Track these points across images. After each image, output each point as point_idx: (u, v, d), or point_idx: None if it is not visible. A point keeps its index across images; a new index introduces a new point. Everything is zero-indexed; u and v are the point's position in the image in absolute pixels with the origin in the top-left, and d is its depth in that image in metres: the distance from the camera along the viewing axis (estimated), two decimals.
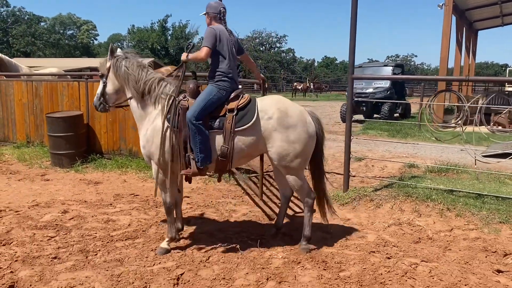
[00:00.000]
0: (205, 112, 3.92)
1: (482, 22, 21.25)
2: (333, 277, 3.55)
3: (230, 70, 4.08)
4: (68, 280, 3.45)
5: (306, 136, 3.96)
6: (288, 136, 3.90)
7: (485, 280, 3.51)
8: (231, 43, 4.11)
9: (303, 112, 4.05)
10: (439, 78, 11.71)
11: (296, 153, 3.94)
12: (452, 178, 6.53)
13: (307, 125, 4.00)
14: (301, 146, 3.94)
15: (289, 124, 3.92)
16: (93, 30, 71.45)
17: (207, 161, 3.94)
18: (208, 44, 3.93)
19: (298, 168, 4.05)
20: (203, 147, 3.89)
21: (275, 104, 3.99)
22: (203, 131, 3.88)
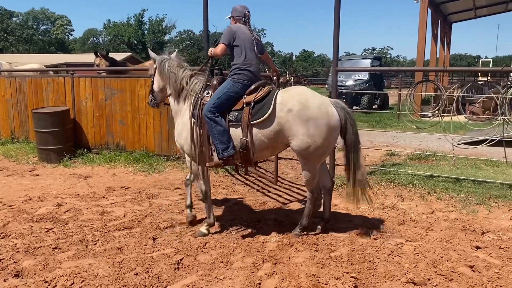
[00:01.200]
0: (221, 105, 4.11)
1: (456, 15, 21.83)
2: (324, 257, 3.76)
3: (245, 62, 4.23)
4: (72, 268, 3.56)
5: (327, 129, 3.95)
6: (308, 129, 3.93)
7: (465, 255, 3.79)
8: (251, 40, 4.30)
9: (325, 104, 4.03)
10: (420, 69, 12.10)
11: (316, 146, 3.96)
12: (431, 164, 6.86)
13: (329, 117, 3.97)
14: (322, 139, 3.96)
15: (309, 116, 3.92)
16: (68, 25, 70.01)
17: (227, 152, 4.10)
18: (224, 40, 4.22)
19: (315, 161, 4.10)
20: (221, 139, 4.07)
21: (296, 96, 4.05)
22: (218, 123, 4.06)
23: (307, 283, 3.30)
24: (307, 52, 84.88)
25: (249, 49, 4.28)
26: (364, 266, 3.59)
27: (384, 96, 17.68)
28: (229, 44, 4.24)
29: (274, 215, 4.91)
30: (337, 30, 5.80)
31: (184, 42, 59.86)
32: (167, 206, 5.21)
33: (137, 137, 7.59)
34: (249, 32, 4.36)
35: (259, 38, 4.48)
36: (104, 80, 7.75)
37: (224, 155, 4.11)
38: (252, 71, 4.27)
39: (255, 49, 4.35)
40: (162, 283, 3.34)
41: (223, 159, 4.15)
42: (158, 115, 7.30)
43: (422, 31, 14.34)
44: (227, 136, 4.09)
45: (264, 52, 4.63)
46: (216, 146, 4.11)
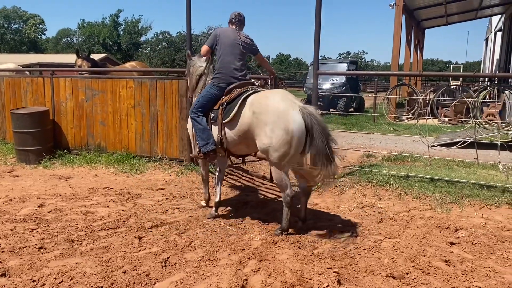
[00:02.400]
0: (202, 106, 4.60)
1: (429, 21, 22.48)
2: (308, 254, 3.90)
3: (221, 66, 4.59)
4: (59, 267, 3.58)
5: (284, 133, 4.02)
6: (266, 132, 4.09)
7: (440, 251, 3.99)
8: (234, 43, 4.60)
9: (286, 109, 4.07)
10: (396, 73, 12.44)
11: (274, 149, 4.09)
12: (407, 165, 7.11)
13: (288, 122, 4.02)
14: (278, 143, 4.05)
15: (267, 121, 4.08)
16: (41, 24, 68.47)
17: (206, 148, 4.57)
18: (207, 43, 4.70)
19: (277, 163, 4.19)
20: (202, 136, 4.57)
21: (262, 99, 4.23)
22: (199, 123, 4.57)
23: (292, 278, 3.42)
24: (283, 55, 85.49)
25: (228, 53, 4.58)
26: (346, 261, 3.74)
27: (360, 99, 18.07)
28: (212, 46, 4.67)
29: (258, 214, 5.02)
30: (318, 35, 5.97)
31: (160, 43, 59.37)
32: (150, 206, 5.26)
33: (118, 138, 7.58)
34: (235, 35, 4.64)
35: (247, 41, 4.71)
36: (84, 80, 7.71)
37: (204, 150, 4.59)
38: (227, 74, 4.57)
39: (238, 51, 4.60)
40: (150, 280, 3.40)
41: (204, 153, 4.63)
42: (140, 116, 7.32)
43: (397, 36, 14.73)
44: (207, 134, 4.56)
45: (256, 54, 4.92)
46: (198, 142, 4.64)
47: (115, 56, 50.97)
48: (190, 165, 7.00)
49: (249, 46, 4.72)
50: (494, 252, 3.98)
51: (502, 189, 5.58)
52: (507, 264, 3.73)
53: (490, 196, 5.35)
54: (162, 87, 7.09)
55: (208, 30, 61.97)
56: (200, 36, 59.44)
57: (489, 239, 4.29)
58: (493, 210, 5.08)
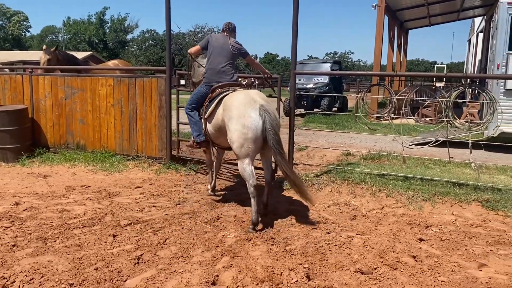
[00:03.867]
0: (194, 102, 5.28)
1: (412, 22, 22.78)
2: (280, 250, 3.97)
3: (209, 68, 5.23)
4: (31, 264, 3.59)
5: (241, 128, 4.48)
6: (229, 127, 4.61)
7: (409, 247, 4.09)
8: (223, 47, 5.22)
9: (245, 106, 4.54)
10: (370, 73, 12.66)
11: (233, 141, 4.58)
12: (384, 164, 7.23)
13: (245, 119, 4.47)
14: (237, 136, 4.52)
15: (230, 116, 4.60)
16: (25, 21, 67.54)
17: (199, 138, 5.25)
18: (200, 44, 5.43)
19: (239, 155, 4.61)
20: (195, 128, 5.27)
21: (229, 98, 4.78)
22: (192, 117, 5.27)
23: (263, 274, 3.48)
24: (271, 54, 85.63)
25: (217, 55, 5.19)
26: (316, 257, 3.82)
27: (343, 99, 18.24)
28: (203, 47, 5.39)
29: (234, 212, 5.08)
30: (295, 34, 6.04)
31: (147, 41, 59.06)
32: (127, 205, 5.27)
33: (98, 136, 7.56)
34: (225, 40, 5.27)
35: (236, 46, 5.31)
36: (64, 78, 7.67)
37: (197, 140, 5.28)
38: (214, 74, 5.18)
39: (226, 54, 5.22)
40: (122, 277, 3.43)
41: (197, 142, 5.30)
42: (119, 114, 7.32)
43: (379, 36, 14.92)
44: (199, 126, 5.24)
45: (246, 57, 5.52)
46: (192, 132, 5.34)
47: (101, 54, 50.57)
48: (170, 163, 7.02)
49: (237, 50, 5.31)
50: (461, 248, 4.10)
51: (474, 187, 5.71)
52: (472, 259, 3.84)
53: (461, 193, 5.47)
54: (141, 85, 7.09)
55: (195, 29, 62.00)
56: (187, 34, 59.37)
57: (458, 235, 4.40)
58: (463, 207, 5.20)
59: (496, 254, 3.97)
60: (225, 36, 5.32)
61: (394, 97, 6.37)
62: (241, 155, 4.59)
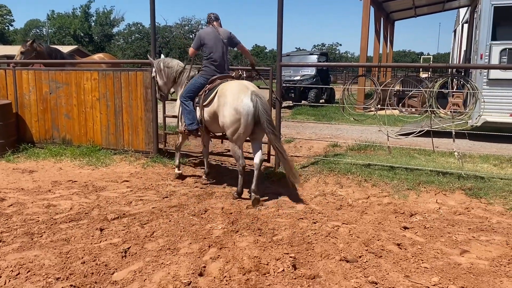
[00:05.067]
0: (190, 92, 5.57)
1: (398, 13, 22.88)
2: (267, 240, 4.01)
3: (208, 61, 5.56)
4: (17, 260, 3.58)
5: (234, 113, 5.01)
6: (224, 112, 5.12)
7: (393, 235, 4.16)
8: (218, 40, 5.53)
9: (239, 93, 5.06)
10: (354, 64, 12.77)
11: (227, 125, 5.11)
12: (369, 154, 7.31)
13: (238, 103, 4.99)
14: (230, 120, 5.05)
15: (225, 102, 5.10)
16: (8, 15, 66.33)
17: (191, 127, 5.57)
18: (194, 46, 5.68)
19: (231, 137, 5.19)
20: (188, 116, 5.56)
21: (223, 86, 5.28)
22: (187, 106, 5.56)
23: (250, 264, 3.52)
24: (259, 47, 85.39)
25: (213, 50, 5.52)
26: (303, 247, 3.87)
27: (331, 91, 18.30)
28: (198, 48, 5.65)
29: (221, 204, 5.10)
30: (280, 28, 6.04)
31: (133, 35, 58.46)
32: (114, 199, 5.26)
33: (84, 130, 7.51)
34: (215, 33, 5.55)
35: (227, 35, 5.62)
36: (48, 73, 7.58)
37: (189, 128, 5.59)
38: (212, 67, 5.57)
39: (221, 48, 5.55)
40: (109, 270, 3.44)
41: (189, 130, 5.61)
42: (105, 108, 7.27)
43: (364, 28, 14.98)
44: (192, 115, 5.56)
45: (238, 45, 5.82)
46: (185, 120, 5.62)
47: (86, 48, 49.96)
48: (157, 157, 7.01)
49: (229, 39, 5.65)
50: (444, 235, 4.18)
51: (457, 176, 5.81)
52: (454, 246, 3.92)
53: (445, 182, 5.57)
54: (126, 79, 7.05)
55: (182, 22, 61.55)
56: (174, 27, 58.90)
57: (441, 223, 4.49)
58: (447, 195, 5.30)
59: (478, 241, 4.05)
60: (214, 30, 5.61)
61: (379, 88, 6.42)
62: (234, 137, 5.14)
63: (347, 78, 18.39)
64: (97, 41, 57.62)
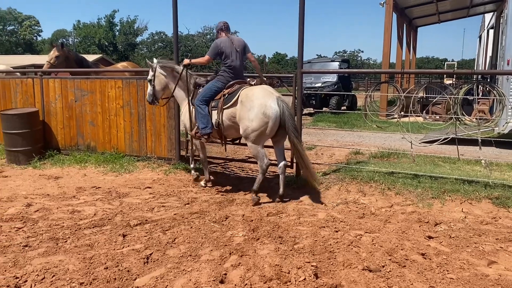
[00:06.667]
0: (207, 96, 5.63)
1: (421, 19, 22.60)
2: (288, 249, 3.98)
3: (226, 67, 5.65)
4: (42, 264, 3.65)
5: (263, 117, 5.19)
6: (249, 116, 5.25)
7: (418, 244, 4.08)
8: (233, 48, 5.64)
9: (265, 98, 5.28)
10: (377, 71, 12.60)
11: (253, 128, 5.26)
12: (393, 162, 7.20)
13: (265, 108, 5.19)
14: (258, 124, 5.22)
15: (251, 106, 5.26)
16: (36, 25, 68.35)
17: (205, 131, 5.58)
18: (210, 54, 5.67)
19: (254, 140, 5.35)
20: (203, 120, 5.59)
21: (246, 91, 5.44)
22: (203, 110, 5.59)
23: (271, 272, 3.49)
24: (280, 54, 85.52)
25: (230, 58, 5.62)
26: (324, 256, 3.82)
27: (352, 98, 18.15)
28: (215, 57, 5.69)
29: (242, 211, 5.10)
30: (302, 35, 6.04)
31: (156, 43, 59.39)
32: (137, 205, 5.32)
33: (108, 138, 7.64)
34: (230, 42, 5.65)
35: (241, 43, 5.74)
36: (74, 81, 7.77)
37: (203, 132, 5.61)
38: (233, 73, 5.68)
39: (236, 56, 5.67)
40: (131, 276, 3.47)
41: (202, 134, 5.62)
42: (129, 116, 7.39)
43: (387, 34, 14.83)
44: (207, 119, 5.60)
45: (248, 53, 5.87)
46: (198, 124, 5.67)
47: (110, 57, 50.91)
48: (179, 163, 7.07)
49: (243, 47, 5.76)
50: (471, 245, 4.07)
51: (484, 184, 5.67)
52: (481, 257, 3.82)
53: (471, 191, 5.44)
54: None
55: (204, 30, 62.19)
56: (196, 36, 59.59)
57: (467, 232, 4.37)
58: (473, 204, 5.17)
59: (506, 251, 3.93)
60: (228, 39, 5.71)
61: (402, 94, 6.33)
62: (258, 140, 5.34)
63: (369, 85, 18.22)
64: (121, 50, 58.66)
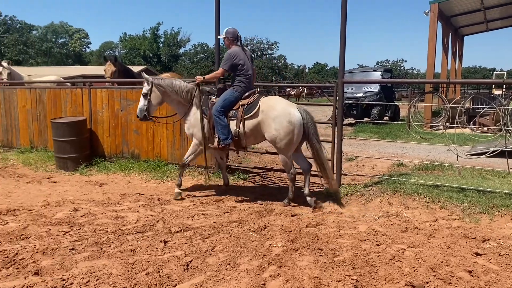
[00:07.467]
0: (225, 107, 5.59)
1: (467, 28, 21.89)
2: (328, 261, 3.92)
3: (242, 78, 5.68)
4: (87, 268, 3.77)
5: (288, 125, 5.35)
6: (274, 125, 5.40)
7: (464, 261, 3.91)
8: (246, 60, 5.68)
9: (287, 106, 5.48)
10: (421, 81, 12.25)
11: (280, 137, 5.40)
12: (437, 175, 6.95)
13: (290, 116, 5.37)
14: (284, 132, 5.37)
15: (274, 116, 5.41)
16: (85, 38, 71.57)
17: (226, 141, 5.58)
18: (225, 66, 5.64)
19: (284, 149, 5.48)
20: (223, 131, 5.56)
21: (267, 101, 5.57)
22: (222, 120, 5.55)
23: (310, 284, 3.45)
24: (320, 64, 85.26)
25: (245, 66, 5.65)
26: (365, 269, 3.74)
27: (395, 108, 17.74)
28: (229, 68, 5.65)
29: (280, 222, 5.07)
30: (343, 45, 5.99)
31: (198, 55, 60.69)
32: (178, 212, 5.42)
33: (151, 146, 7.84)
34: (243, 53, 5.68)
35: (249, 54, 5.83)
36: (120, 91, 8.05)
37: (224, 143, 5.61)
38: (248, 83, 5.74)
39: (250, 66, 5.73)
40: (172, 282, 3.52)
41: (223, 145, 5.62)
42: (171, 125, 7.54)
43: (431, 43, 14.45)
44: (227, 130, 5.58)
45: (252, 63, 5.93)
46: (219, 135, 5.62)
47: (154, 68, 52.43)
48: (218, 172, 7.14)
49: (251, 57, 5.89)
50: None
51: None
52: None
53: None
54: None
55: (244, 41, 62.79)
56: None
57: None
58: None
59: None
60: (242, 50, 5.73)
61: (448, 105, 6.13)
62: (287, 149, 5.48)
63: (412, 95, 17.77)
64: (165, 61, 60.32)
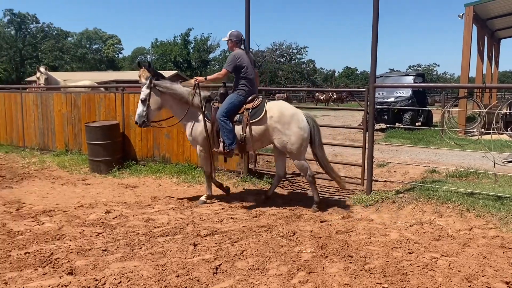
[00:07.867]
0: (230, 111, 5.53)
1: (504, 31, 21.19)
2: (358, 268, 3.85)
3: (247, 81, 5.65)
4: (119, 269, 3.84)
5: (299, 130, 5.49)
6: (286, 131, 5.48)
7: (501, 272, 3.77)
8: (250, 63, 5.65)
9: (296, 113, 5.58)
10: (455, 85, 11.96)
11: (292, 142, 5.51)
12: (472, 182, 6.75)
13: (299, 122, 5.51)
14: (297, 137, 5.49)
15: (285, 121, 5.48)
16: (118, 44, 73.39)
17: (232, 146, 5.54)
18: (228, 67, 5.59)
19: (296, 153, 5.58)
20: (229, 136, 5.50)
21: (276, 106, 5.60)
22: (227, 125, 5.49)
23: None
24: (350, 68, 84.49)
25: (249, 72, 5.63)
26: (397, 278, 3.66)
27: (428, 113, 17.32)
28: (233, 70, 5.60)
29: (310, 227, 5.03)
30: (375, 49, 5.92)
31: None
32: (207, 215, 5.46)
33: (181, 150, 7.95)
34: (247, 57, 5.67)
35: (251, 57, 5.83)
36: None
37: (229, 148, 5.57)
38: (252, 87, 5.73)
39: (253, 69, 5.72)
40: (201, 285, 3.55)
41: (229, 150, 5.58)
42: None
43: (466, 47, 14.07)
44: (233, 135, 5.54)
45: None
46: (224, 140, 5.56)
47: (185, 73, 53.22)
48: (247, 176, 7.17)
49: (254, 61, 5.87)
50: None
51: None
52: None
53: None
54: None
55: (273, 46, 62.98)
56: (266, 52, 60.54)
57: None
58: None
59: None
60: (245, 53, 5.71)
61: (484, 110, 5.95)
62: (299, 153, 5.59)
63: (446, 100, 17.32)
64: (195, 67, 61.15)
